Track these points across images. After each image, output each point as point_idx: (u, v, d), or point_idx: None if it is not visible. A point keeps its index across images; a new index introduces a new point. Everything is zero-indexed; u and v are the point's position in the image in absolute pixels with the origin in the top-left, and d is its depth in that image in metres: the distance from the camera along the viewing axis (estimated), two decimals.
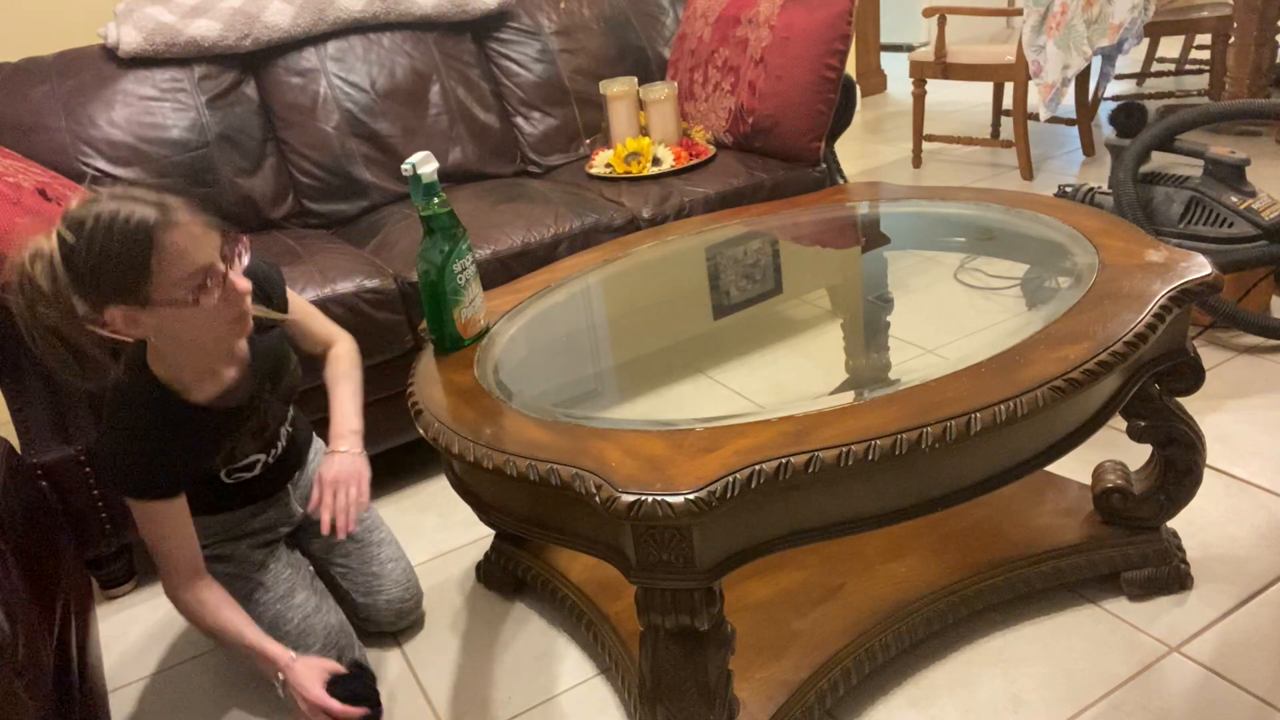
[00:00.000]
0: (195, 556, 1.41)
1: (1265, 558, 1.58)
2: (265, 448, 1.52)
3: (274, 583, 1.55)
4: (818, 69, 2.40)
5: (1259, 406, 1.99)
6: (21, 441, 1.78)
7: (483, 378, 1.37)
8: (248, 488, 1.54)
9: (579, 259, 1.83)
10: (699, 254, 1.86)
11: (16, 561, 1.37)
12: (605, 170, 2.53)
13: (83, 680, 1.46)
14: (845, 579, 1.51)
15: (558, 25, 2.81)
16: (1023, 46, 3.32)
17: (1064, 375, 1.13)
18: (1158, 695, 1.36)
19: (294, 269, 2.02)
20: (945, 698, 1.41)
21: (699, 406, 1.36)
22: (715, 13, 2.67)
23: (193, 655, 1.76)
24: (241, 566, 1.55)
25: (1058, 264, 1.49)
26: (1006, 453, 1.18)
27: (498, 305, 1.65)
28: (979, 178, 3.66)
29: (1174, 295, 1.27)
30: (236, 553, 1.56)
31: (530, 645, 1.65)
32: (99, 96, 2.29)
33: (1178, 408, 1.46)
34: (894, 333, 1.49)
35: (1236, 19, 3.40)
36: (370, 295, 1.98)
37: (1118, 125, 2.30)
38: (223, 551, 1.55)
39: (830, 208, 1.92)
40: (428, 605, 1.79)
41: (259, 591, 1.54)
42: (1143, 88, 4.48)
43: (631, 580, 1.09)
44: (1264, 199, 2.11)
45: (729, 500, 1.01)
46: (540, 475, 1.10)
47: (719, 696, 1.15)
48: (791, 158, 2.50)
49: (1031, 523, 1.58)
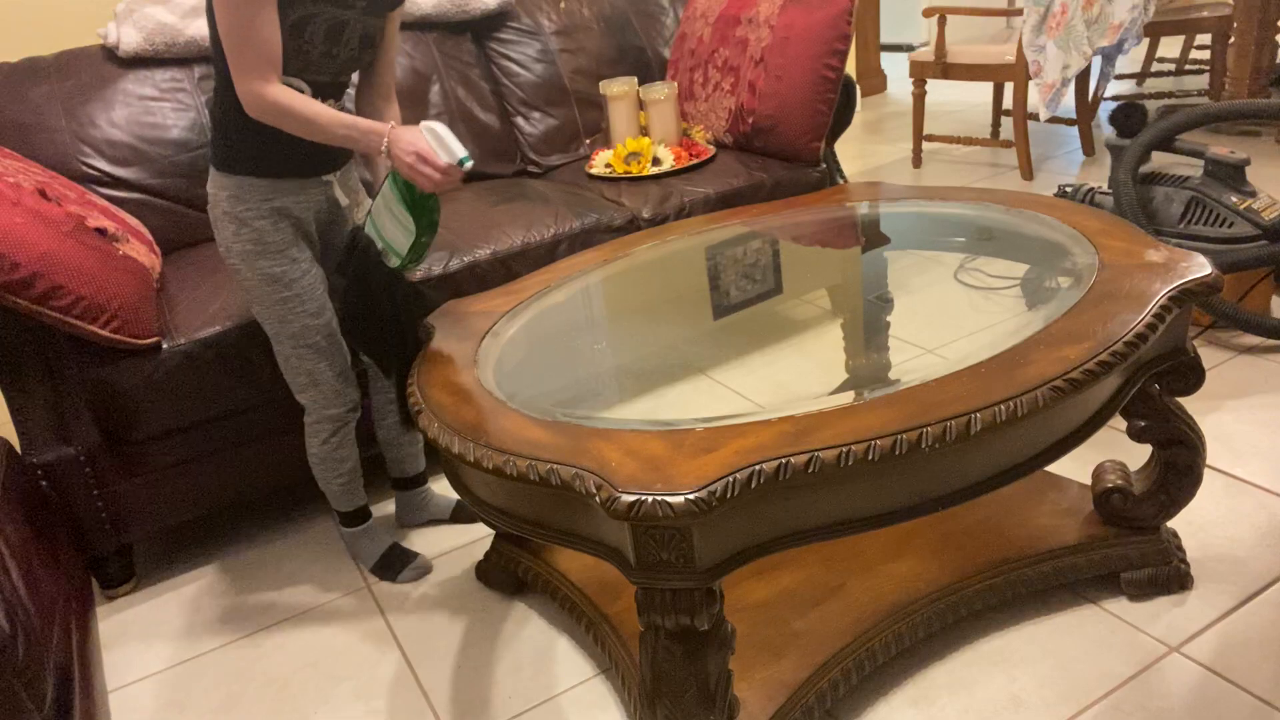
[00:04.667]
0: (278, 54, 1.45)
1: (1265, 558, 1.58)
2: (319, 89, 1.56)
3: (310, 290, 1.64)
4: (818, 69, 2.40)
5: (1259, 406, 1.99)
6: (21, 441, 1.78)
7: (483, 378, 1.37)
8: (296, 141, 1.56)
9: (579, 259, 1.83)
10: (699, 254, 1.86)
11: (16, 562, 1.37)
12: (605, 170, 2.53)
13: (83, 680, 1.46)
14: (845, 579, 1.51)
15: (558, 25, 2.81)
16: (1023, 46, 3.32)
17: (1064, 375, 1.13)
18: (1158, 695, 1.36)
19: None
20: (945, 698, 1.41)
21: (699, 406, 1.36)
22: (715, 13, 2.67)
23: (193, 655, 1.76)
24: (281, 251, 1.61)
25: (1058, 264, 1.49)
26: (1006, 453, 1.18)
27: (498, 305, 1.65)
28: (979, 178, 3.66)
29: (1174, 295, 1.27)
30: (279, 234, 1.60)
31: (530, 645, 1.65)
32: (99, 96, 2.29)
33: (1178, 408, 1.46)
34: (894, 333, 1.48)
35: (1236, 19, 3.40)
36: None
37: (1118, 125, 2.30)
38: (269, 235, 1.59)
39: (830, 208, 1.92)
40: (428, 604, 1.79)
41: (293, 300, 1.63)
42: (1143, 88, 4.48)
43: (631, 580, 1.09)
44: (1264, 199, 2.11)
45: (729, 500, 1.01)
46: (540, 475, 1.10)
47: (719, 696, 1.15)
48: (791, 158, 2.50)
49: (1031, 523, 1.58)
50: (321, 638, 1.75)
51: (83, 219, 1.83)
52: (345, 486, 1.82)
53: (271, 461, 1.99)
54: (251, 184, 1.56)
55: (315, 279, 1.65)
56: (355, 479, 1.83)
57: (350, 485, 1.83)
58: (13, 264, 1.59)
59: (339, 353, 1.70)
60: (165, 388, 1.83)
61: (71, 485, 1.81)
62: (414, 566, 1.86)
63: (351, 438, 1.79)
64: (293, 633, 1.78)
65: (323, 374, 1.69)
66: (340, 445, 1.77)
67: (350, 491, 1.84)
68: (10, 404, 1.77)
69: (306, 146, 1.58)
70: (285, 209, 1.60)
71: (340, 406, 1.73)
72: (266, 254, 1.59)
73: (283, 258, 1.60)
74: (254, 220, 1.58)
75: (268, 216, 1.58)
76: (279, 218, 1.59)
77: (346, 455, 1.79)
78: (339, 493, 1.82)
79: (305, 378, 1.69)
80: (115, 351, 1.78)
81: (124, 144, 2.28)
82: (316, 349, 1.67)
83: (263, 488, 2.01)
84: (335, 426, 1.74)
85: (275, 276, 1.60)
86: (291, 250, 1.61)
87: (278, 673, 1.68)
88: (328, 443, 1.76)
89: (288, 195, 1.60)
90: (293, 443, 1.99)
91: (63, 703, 1.31)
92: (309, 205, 1.63)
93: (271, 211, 1.58)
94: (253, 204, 1.57)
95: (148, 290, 1.88)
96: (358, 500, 1.86)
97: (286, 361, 1.68)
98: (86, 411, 1.80)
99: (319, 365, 1.68)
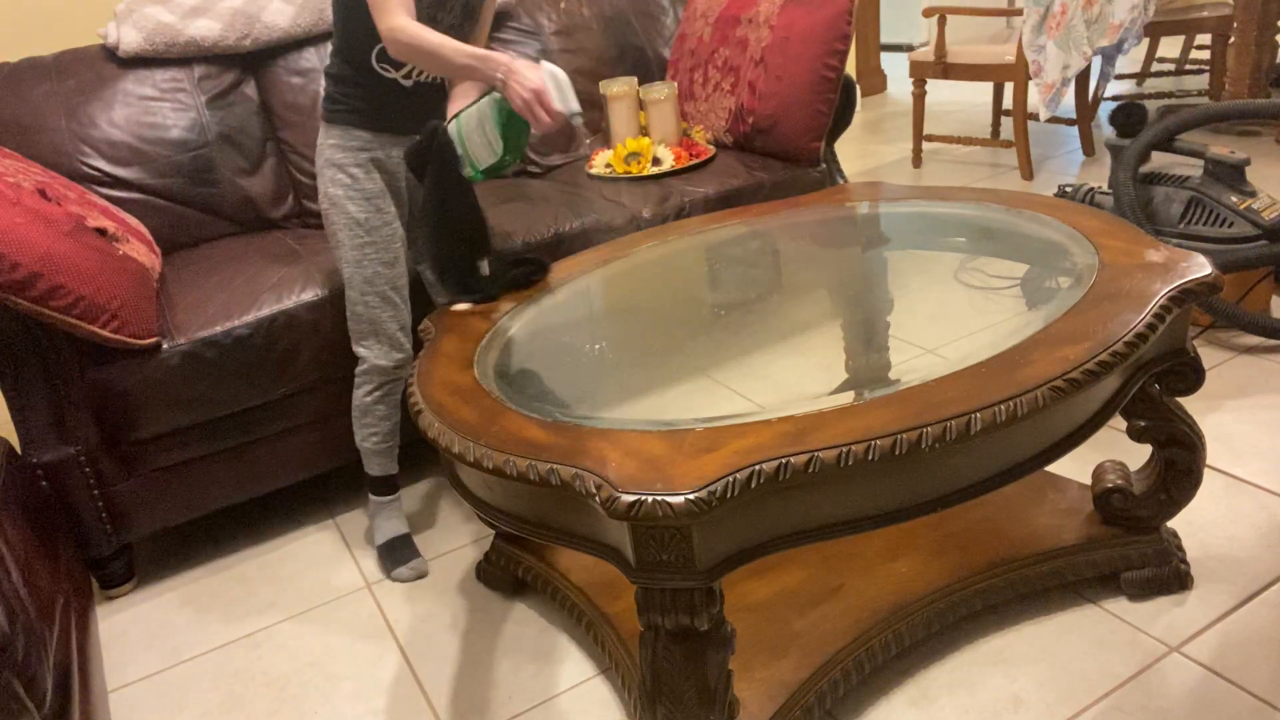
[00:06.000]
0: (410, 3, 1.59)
1: (1265, 558, 1.58)
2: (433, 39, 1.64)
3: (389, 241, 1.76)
4: (817, 69, 2.40)
5: (1259, 406, 1.99)
6: (21, 441, 1.78)
7: (483, 378, 1.37)
8: (395, 99, 1.73)
9: (579, 259, 1.83)
10: (699, 254, 1.86)
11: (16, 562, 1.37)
12: (605, 170, 2.53)
13: (83, 680, 1.46)
14: (845, 579, 1.51)
15: (558, 25, 2.81)
16: (1023, 46, 3.32)
17: (1064, 375, 1.13)
18: (1158, 695, 1.36)
19: (294, 269, 2.02)
20: (945, 698, 1.41)
21: (699, 406, 1.36)
22: (715, 13, 2.67)
23: (193, 655, 1.76)
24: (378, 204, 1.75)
25: (1058, 264, 1.48)
26: (1006, 453, 1.18)
27: (498, 305, 1.65)
28: (979, 178, 3.66)
29: (1174, 295, 1.27)
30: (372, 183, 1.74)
31: (530, 645, 1.65)
32: (99, 96, 2.29)
33: (1178, 408, 1.46)
34: (894, 333, 1.48)
35: (1236, 19, 3.40)
36: None
37: (1118, 125, 2.30)
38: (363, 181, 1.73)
39: (830, 208, 1.92)
40: (428, 605, 1.79)
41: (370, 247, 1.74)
42: (1143, 88, 4.48)
43: (631, 580, 1.09)
44: (1264, 199, 2.11)
45: (729, 500, 1.01)
46: (540, 475, 1.10)
47: (719, 696, 1.15)
48: (791, 158, 2.49)
49: (1031, 523, 1.58)
50: (321, 638, 1.75)
51: (83, 219, 1.83)
52: (377, 447, 1.86)
53: (271, 462, 1.99)
54: (353, 134, 1.73)
55: (396, 231, 1.77)
56: (389, 443, 1.87)
57: (383, 448, 1.86)
58: (13, 264, 1.59)
59: (403, 308, 1.79)
60: (165, 388, 1.83)
61: (71, 485, 1.81)
62: (412, 565, 1.87)
63: (396, 400, 1.84)
64: (293, 633, 1.78)
65: (385, 324, 1.77)
66: (382, 400, 1.82)
67: (382, 454, 1.87)
68: (10, 404, 1.77)
69: (403, 100, 1.73)
70: (380, 161, 1.75)
71: (392, 360, 1.79)
72: (357, 199, 1.72)
73: (370, 205, 1.73)
74: (351, 167, 1.73)
75: (362, 165, 1.73)
76: (373, 168, 1.74)
77: (386, 414, 1.84)
78: (370, 452, 1.86)
79: (367, 325, 1.77)
80: (115, 351, 1.78)
81: (124, 144, 2.28)
82: (383, 297, 1.76)
83: (263, 488, 2.01)
84: (382, 380, 1.81)
85: (360, 221, 1.73)
86: (379, 200, 1.74)
87: (278, 673, 1.68)
88: (371, 395, 1.81)
89: (385, 148, 1.75)
90: (293, 443, 1.99)
91: (62, 703, 1.31)
92: (402, 161, 1.75)
93: (368, 161, 1.74)
94: (352, 151, 1.73)
95: (148, 290, 1.88)
96: (388, 468, 1.90)
97: (353, 308, 1.77)
98: (86, 411, 1.80)
99: (384, 314, 1.76)
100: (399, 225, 1.79)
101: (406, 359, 1.81)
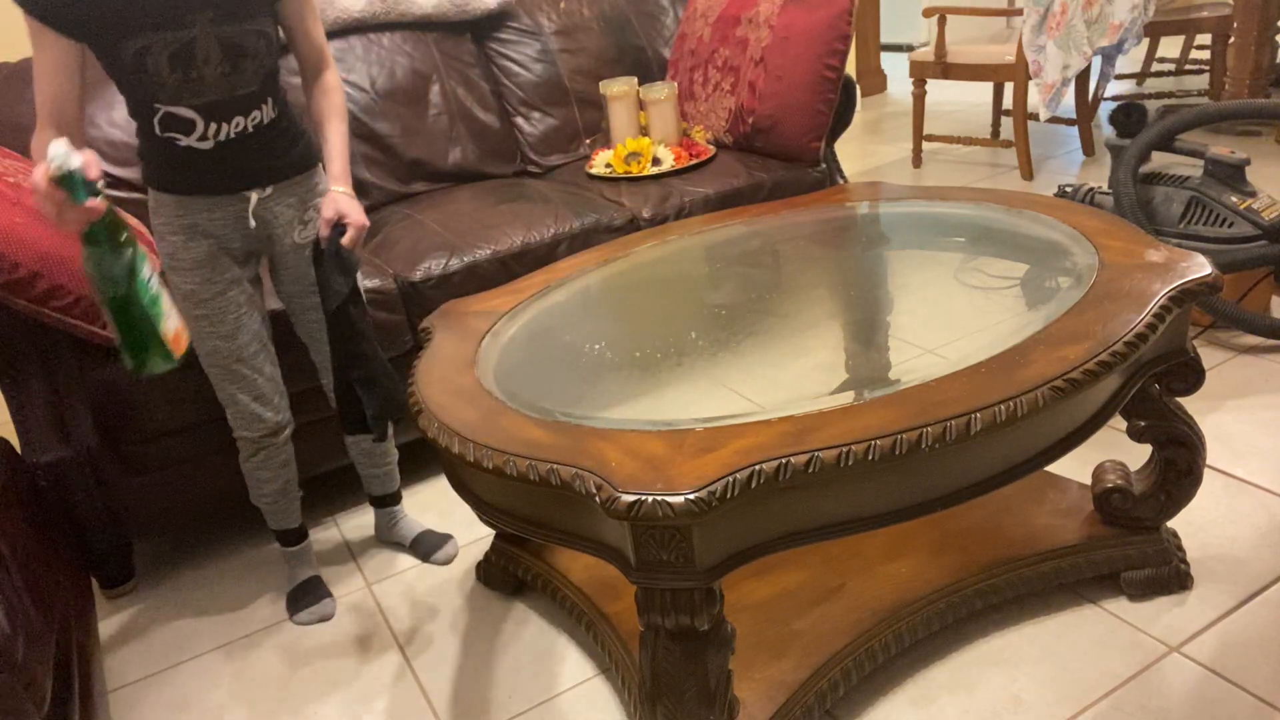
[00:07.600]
0: (58, 111, 1.43)
1: (1265, 558, 1.58)
2: (205, 111, 1.47)
3: (223, 312, 1.58)
4: (817, 69, 2.40)
5: (1259, 406, 1.99)
6: (21, 441, 1.78)
7: (483, 377, 1.37)
8: (196, 162, 1.50)
9: (579, 259, 1.83)
10: (699, 254, 1.86)
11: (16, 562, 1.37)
12: (605, 170, 2.53)
13: (83, 680, 1.46)
14: (845, 579, 1.51)
15: (558, 25, 2.81)
16: (1023, 46, 3.32)
17: (1064, 375, 1.13)
18: (1158, 695, 1.36)
19: None
20: (945, 698, 1.41)
21: (699, 406, 1.36)
22: (715, 13, 2.67)
23: (193, 655, 1.76)
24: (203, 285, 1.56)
25: (1058, 264, 1.49)
26: (1006, 453, 1.18)
27: (498, 305, 1.65)
28: (979, 178, 3.66)
29: (1174, 295, 1.27)
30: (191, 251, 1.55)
31: (530, 645, 1.65)
32: (99, 96, 2.29)
33: (1178, 408, 1.46)
34: (894, 333, 1.48)
35: (1236, 19, 3.40)
36: (370, 295, 1.98)
37: (1118, 125, 2.30)
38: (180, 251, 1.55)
39: (830, 208, 1.92)
40: (429, 605, 1.79)
41: (203, 320, 1.58)
42: (1143, 88, 4.48)
43: (631, 580, 1.09)
44: (1264, 199, 2.11)
45: (729, 500, 1.01)
46: (540, 475, 1.10)
47: (719, 696, 1.15)
48: (791, 158, 2.50)
49: (1031, 523, 1.58)
50: (321, 638, 1.75)
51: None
52: (270, 507, 1.78)
53: None
54: (162, 199, 1.54)
55: (233, 300, 1.59)
56: (282, 501, 1.79)
57: (276, 506, 1.79)
58: (13, 264, 1.59)
59: (256, 377, 1.65)
60: (165, 388, 1.83)
61: (71, 485, 1.80)
62: (314, 610, 1.80)
63: (278, 461, 1.73)
64: (293, 633, 1.78)
65: (235, 398, 1.65)
66: (261, 466, 1.73)
67: (275, 513, 1.80)
68: (10, 404, 1.77)
69: (205, 163, 1.51)
70: (198, 225, 1.55)
71: (254, 431, 1.68)
72: (179, 270, 1.56)
73: (194, 275, 1.56)
74: (168, 235, 1.55)
75: (180, 233, 1.55)
76: (192, 234, 1.55)
77: (268, 478, 1.74)
78: (265, 511, 1.80)
79: (222, 394, 1.65)
80: (115, 352, 1.78)
81: (124, 144, 2.28)
82: (227, 371, 1.62)
83: None
84: (254, 449, 1.70)
85: (186, 294, 1.57)
86: (204, 270, 1.56)
87: (278, 673, 1.68)
88: (249, 461, 1.72)
89: (199, 212, 1.55)
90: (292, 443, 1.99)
91: (62, 703, 1.31)
92: (226, 222, 1.57)
93: (184, 228, 1.55)
94: (166, 218, 1.55)
95: None
96: (285, 523, 1.82)
97: (209, 376, 1.65)
98: (86, 411, 1.79)
99: (231, 388, 1.64)
100: (240, 290, 1.60)
101: (276, 425, 1.69)
